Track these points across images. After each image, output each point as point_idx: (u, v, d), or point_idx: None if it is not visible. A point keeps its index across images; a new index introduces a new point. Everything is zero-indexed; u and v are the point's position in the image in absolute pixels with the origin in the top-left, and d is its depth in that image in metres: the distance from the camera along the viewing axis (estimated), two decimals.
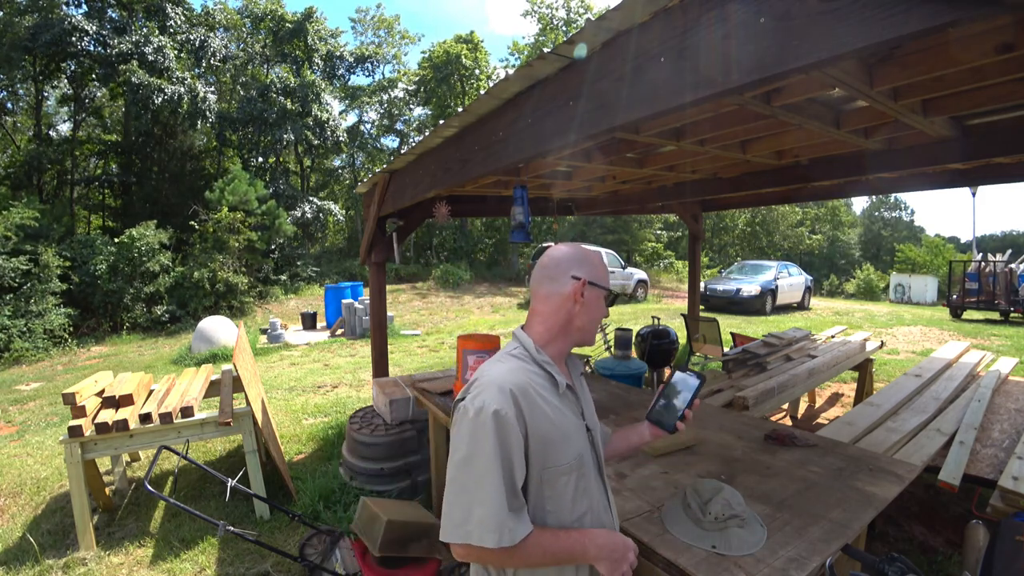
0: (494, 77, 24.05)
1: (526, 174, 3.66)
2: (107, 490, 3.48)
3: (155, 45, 15.46)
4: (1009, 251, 14.07)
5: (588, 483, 1.12)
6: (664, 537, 1.56)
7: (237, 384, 3.92)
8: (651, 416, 1.31)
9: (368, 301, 9.27)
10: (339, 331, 10.58)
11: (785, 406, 4.95)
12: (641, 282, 16.35)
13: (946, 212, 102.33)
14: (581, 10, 24.57)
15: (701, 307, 9.50)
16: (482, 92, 2.10)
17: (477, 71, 23.83)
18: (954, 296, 13.64)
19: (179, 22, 17.21)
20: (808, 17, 1.02)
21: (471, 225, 23.37)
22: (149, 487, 2.33)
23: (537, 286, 1.16)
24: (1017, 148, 2.62)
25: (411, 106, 26.25)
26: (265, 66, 21.74)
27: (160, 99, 15.16)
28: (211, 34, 18.43)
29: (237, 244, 13.71)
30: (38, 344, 9.95)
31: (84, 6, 15.84)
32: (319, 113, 19.31)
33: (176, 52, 16.53)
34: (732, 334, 6.19)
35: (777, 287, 13.79)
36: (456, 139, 2.57)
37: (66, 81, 17.23)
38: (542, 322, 1.16)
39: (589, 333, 1.19)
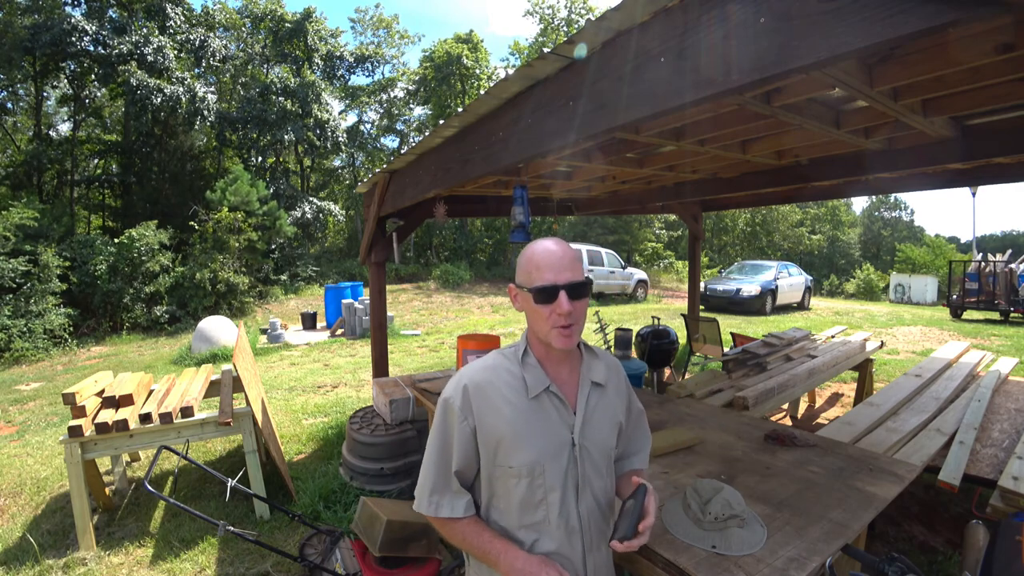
0: (494, 77, 24.05)
1: (526, 174, 3.66)
2: (107, 490, 3.48)
3: (155, 45, 15.46)
4: (1009, 251, 14.06)
5: (551, 496, 1.07)
6: (664, 537, 1.56)
7: (237, 384, 3.92)
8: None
9: (368, 301, 9.27)
10: (339, 331, 10.58)
11: (785, 406, 4.95)
12: (641, 282, 16.35)
13: (946, 212, 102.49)
14: (582, 10, 24.57)
15: (701, 307, 9.51)
16: (482, 92, 2.10)
17: (477, 71, 23.83)
18: (954, 296, 13.64)
19: (179, 22, 17.21)
20: (808, 17, 1.02)
21: (471, 225, 23.38)
22: (149, 487, 2.33)
23: None
24: (1017, 148, 2.62)
25: (411, 106, 26.29)
26: (265, 66, 21.74)
27: (159, 99, 15.15)
28: (211, 34, 18.42)
29: (237, 244, 13.71)
30: (38, 344, 9.94)
31: (84, 6, 15.85)
32: (319, 113, 19.31)
33: (176, 52, 16.53)
34: (732, 334, 6.19)
35: (777, 287, 13.79)
36: (456, 139, 2.57)
37: (66, 81, 17.23)
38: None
39: (541, 336, 1.09)
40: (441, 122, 2.48)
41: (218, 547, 2.99)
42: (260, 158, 20.60)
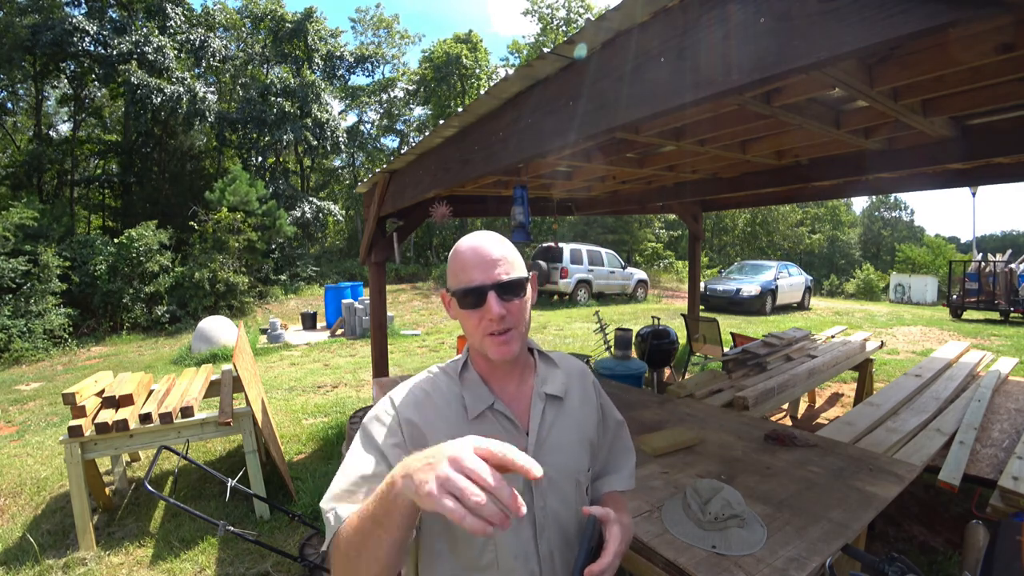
0: (494, 77, 24.06)
1: (526, 174, 3.66)
2: (107, 490, 3.48)
3: (155, 45, 15.47)
4: (1009, 251, 14.06)
5: (500, 535, 0.87)
6: (664, 537, 1.56)
7: (237, 384, 3.92)
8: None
9: (368, 301, 9.27)
10: (339, 331, 10.58)
11: (785, 406, 4.95)
12: (641, 282, 16.35)
13: (946, 212, 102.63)
14: (581, 10, 24.57)
15: (701, 307, 9.50)
16: (482, 92, 2.10)
17: (477, 71, 23.84)
18: (954, 296, 13.64)
19: (179, 22, 17.22)
20: (808, 17, 1.02)
21: (471, 225, 23.37)
22: (149, 487, 2.33)
23: None
24: (1017, 148, 2.62)
25: (411, 106, 26.31)
26: (265, 66, 21.74)
27: (159, 99, 15.16)
28: (211, 34, 18.44)
29: (237, 244, 13.71)
30: (38, 344, 9.94)
31: (84, 6, 15.86)
32: (319, 113, 19.32)
33: (176, 52, 16.54)
34: (732, 334, 6.19)
35: (777, 287, 13.78)
36: (456, 139, 2.57)
37: (66, 81, 17.25)
38: None
39: (478, 345, 0.92)
40: (441, 122, 2.48)
41: (218, 547, 2.99)
42: (260, 158, 20.61)
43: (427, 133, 2.73)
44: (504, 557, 0.88)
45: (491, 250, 0.90)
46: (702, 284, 13.78)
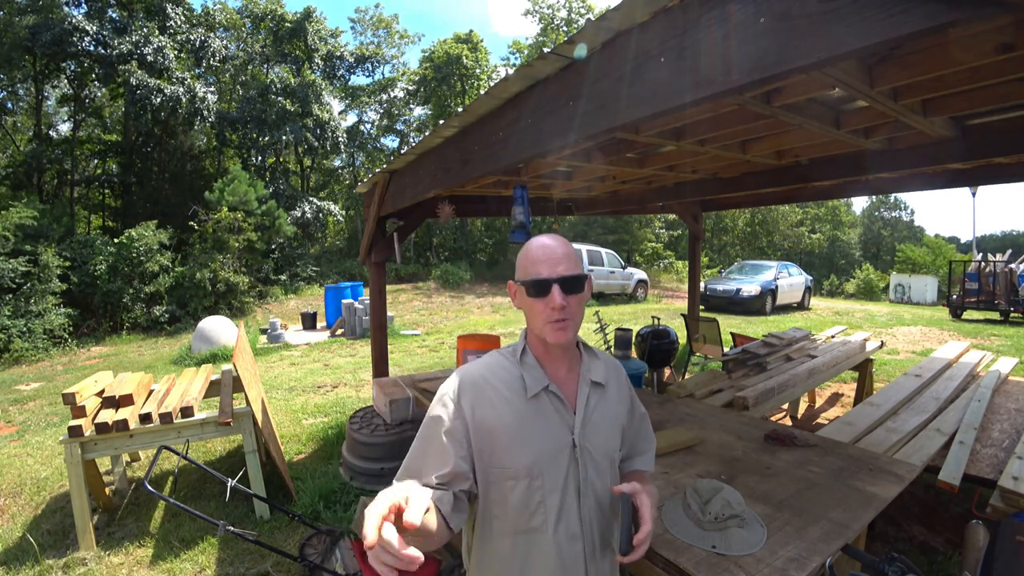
0: (494, 77, 24.05)
1: (526, 174, 3.66)
2: (107, 490, 3.48)
3: (155, 45, 15.47)
4: (1009, 251, 14.06)
5: (549, 499, 1.03)
6: (664, 537, 1.56)
7: (237, 384, 3.92)
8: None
9: (368, 301, 9.27)
10: (339, 331, 10.58)
11: (785, 406, 4.95)
12: (641, 282, 16.35)
13: (946, 212, 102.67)
14: (582, 10, 24.57)
15: (701, 307, 9.50)
16: (482, 92, 2.10)
17: (477, 71, 23.83)
18: (954, 296, 13.64)
19: (179, 22, 17.21)
20: (808, 17, 1.02)
21: (471, 225, 23.38)
22: (149, 487, 2.33)
23: None
24: (1017, 148, 2.62)
25: (411, 106, 26.30)
26: (265, 66, 21.74)
27: (159, 99, 15.16)
28: (211, 34, 18.43)
29: (237, 244, 13.71)
30: (38, 344, 9.94)
31: (84, 6, 15.85)
32: (319, 113, 19.32)
33: (176, 52, 16.53)
34: (732, 334, 6.19)
35: (777, 287, 13.79)
36: (456, 139, 2.57)
37: (66, 81, 17.24)
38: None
39: (536, 330, 1.07)
40: (441, 122, 2.48)
41: (218, 547, 2.99)
42: (260, 158, 20.61)
43: (427, 133, 2.73)
44: (551, 519, 1.03)
45: (557, 250, 1.05)
46: (702, 284, 13.78)
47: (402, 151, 3.21)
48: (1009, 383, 4.12)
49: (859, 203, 43.06)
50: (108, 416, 3.02)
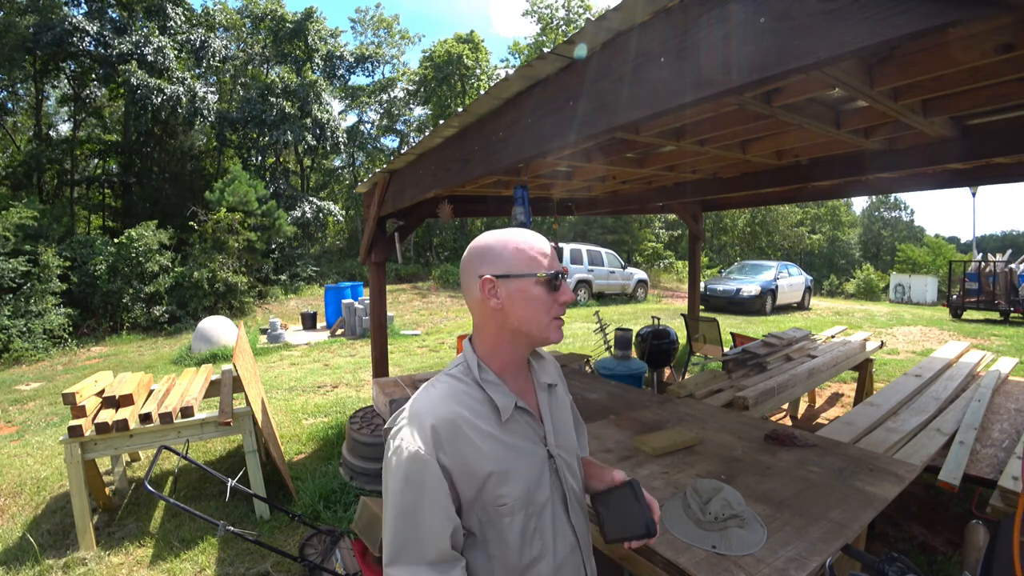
0: (495, 77, 24.05)
1: (526, 174, 3.66)
2: (107, 490, 3.48)
3: (155, 45, 15.47)
4: (1009, 251, 14.07)
5: (543, 521, 0.95)
6: (664, 537, 1.56)
7: (237, 384, 3.92)
8: (613, 536, 1.03)
9: (368, 301, 9.27)
10: (339, 331, 10.58)
11: (785, 406, 4.95)
12: (641, 282, 16.35)
13: (946, 212, 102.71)
14: (581, 10, 24.57)
15: (701, 307, 9.50)
16: (482, 92, 2.10)
17: (478, 71, 23.83)
18: (954, 296, 13.64)
19: (179, 22, 17.22)
20: (808, 17, 1.02)
21: (471, 225, 23.37)
22: (149, 487, 2.33)
23: (464, 294, 1.01)
24: (1017, 148, 2.62)
25: (411, 106, 26.30)
26: (265, 66, 21.75)
27: (159, 99, 15.16)
28: (211, 34, 18.44)
29: (237, 244, 13.71)
30: (38, 344, 9.94)
31: (84, 6, 15.85)
32: (319, 113, 19.32)
33: (176, 52, 16.53)
34: (732, 334, 6.19)
35: (777, 287, 13.79)
36: (456, 139, 2.57)
37: (66, 81, 17.23)
38: (479, 333, 0.99)
39: (536, 331, 0.95)
40: (441, 122, 2.48)
41: (218, 547, 2.99)
42: (260, 158, 20.61)
43: (427, 133, 2.73)
44: (548, 539, 0.95)
45: (546, 242, 0.99)
46: (702, 284, 13.78)
47: (402, 151, 3.21)
48: (1009, 383, 4.12)
49: (859, 203, 43.09)
50: (108, 416, 3.02)
